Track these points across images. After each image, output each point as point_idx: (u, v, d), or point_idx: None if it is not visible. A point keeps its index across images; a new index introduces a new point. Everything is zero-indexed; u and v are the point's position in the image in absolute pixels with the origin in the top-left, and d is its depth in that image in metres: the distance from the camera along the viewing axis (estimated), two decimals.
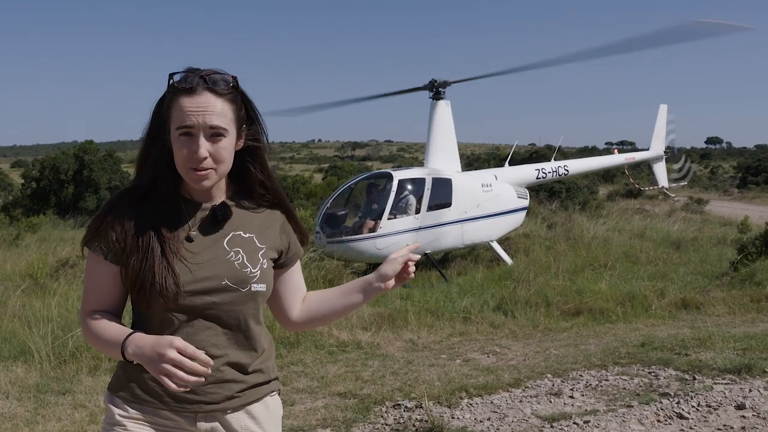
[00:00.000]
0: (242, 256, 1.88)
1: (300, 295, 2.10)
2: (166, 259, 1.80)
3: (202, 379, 1.70)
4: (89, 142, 25.04)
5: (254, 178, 1.94)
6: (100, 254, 1.85)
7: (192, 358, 1.68)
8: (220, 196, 1.92)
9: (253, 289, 1.87)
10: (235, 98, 1.84)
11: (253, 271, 1.88)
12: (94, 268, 1.88)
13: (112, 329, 1.82)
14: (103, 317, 1.86)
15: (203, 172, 1.79)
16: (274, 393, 2.04)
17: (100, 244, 1.85)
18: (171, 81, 1.81)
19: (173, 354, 1.66)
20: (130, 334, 1.78)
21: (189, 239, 1.86)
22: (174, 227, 1.85)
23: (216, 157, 1.79)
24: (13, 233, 16.46)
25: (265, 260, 1.92)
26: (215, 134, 1.78)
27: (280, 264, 2.01)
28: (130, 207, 1.86)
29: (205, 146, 1.77)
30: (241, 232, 1.91)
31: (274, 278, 1.99)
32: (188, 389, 1.72)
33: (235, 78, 1.84)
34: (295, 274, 2.08)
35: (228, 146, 1.82)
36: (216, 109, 1.78)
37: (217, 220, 1.88)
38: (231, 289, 1.84)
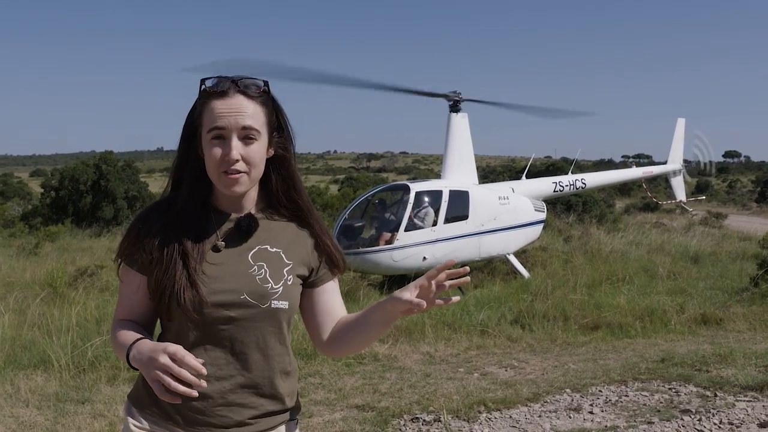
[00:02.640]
0: (265, 270, 1.82)
1: (332, 318, 1.96)
2: (187, 269, 1.77)
3: (194, 393, 1.61)
4: (108, 152, 25.21)
5: (277, 188, 1.89)
6: (129, 265, 1.85)
7: (181, 364, 1.60)
8: (249, 208, 1.88)
9: (273, 305, 1.80)
10: (267, 102, 1.82)
11: (274, 287, 1.81)
12: (124, 279, 1.88)
13: (126, 336, 1.78)
14: (126, 325, 1.83)
15: (235, 176, 1.75)
16: (291, 422, 1.94)
17: (129, 255, 1.85)
18: (202, 86, 1.80)
19: (164, 359, 1.61)
20: (138, 340, 1.74)
21: (216, 249, 1.82)
22: (200, 238, 1.82)
23: (248, 160, 1.76)
24: (32, 242, 16.58)
25: (290, 276, 1.85)
26: (247, 136, 1.76)
27: (309, 282, 1.93)
28: (158, 218, 1.85)
29: (237, 148, 1.74)
30: (268, 246, 1.85)
31: (304, 297, 1.93)
32: (178, 401, 1.63)
33: (266, 82, 1.82)
34: (327, 295, 1.96)
35: (260, 150, 1.79)
36: (248, 111, 1.76)
37: (241, 231, 1.84)
38: (249, 304, 1.78)
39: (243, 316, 1.79)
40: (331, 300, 1.97)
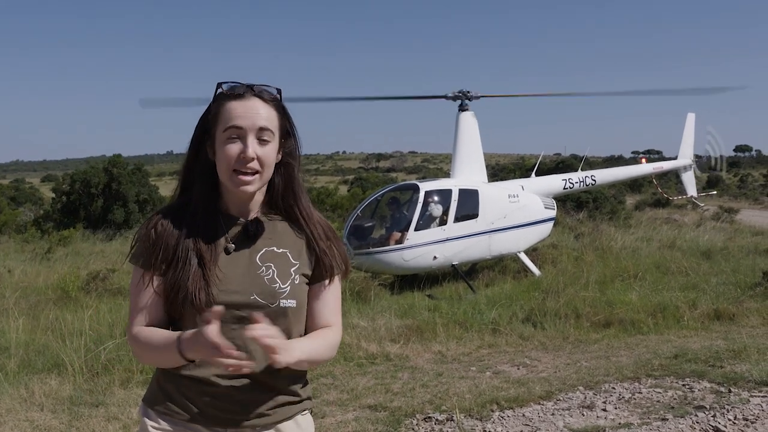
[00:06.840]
0: (273, 271, 1.88)
1: (314, 321, 1.98)
2: (203, 271, 1.82)
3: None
4: (118, 156, 25.30)
5: (278, 192, 1.95)
6: (145, 269, 1.87)
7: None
8: (255, 211, 1.93)
9: (282, 305, 1.86)
10: (279, 108, 1.90)
11: (282, 286, 1.87)
12: (139, 284, 1.89)
13: (160, 333, 1.83)
14: (150, 328, 1.86)
15: (248, 177, 1.82)
16: (306, 412, 2.01)
17: (145, 258, 1.87)
18: (219, 90, 1.88)
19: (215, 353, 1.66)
20: (179, 336, 1.77)
21: (227, 252, 1.88)
22: (211, 241, 1.87)
23: (262, 161, 1.83)
24: (44, 247, 16.67)
25: (297, 276, 1.90)
26: (263, 137, 1.83)
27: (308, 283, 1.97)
28: (169, 221, 1.89)
29: (253, 146, 1.81)
30: (275, 248, 1.91)
31: None
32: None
33: (279, 90, 1.91)
34: (315, 299, 1.97)
35: (273, 152, 1.87)
36: (264, 113, 1.84)
37: (248, 235, 1.89)
38: (259, 304, 1.83)
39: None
40: (319, 303, 1.99)
